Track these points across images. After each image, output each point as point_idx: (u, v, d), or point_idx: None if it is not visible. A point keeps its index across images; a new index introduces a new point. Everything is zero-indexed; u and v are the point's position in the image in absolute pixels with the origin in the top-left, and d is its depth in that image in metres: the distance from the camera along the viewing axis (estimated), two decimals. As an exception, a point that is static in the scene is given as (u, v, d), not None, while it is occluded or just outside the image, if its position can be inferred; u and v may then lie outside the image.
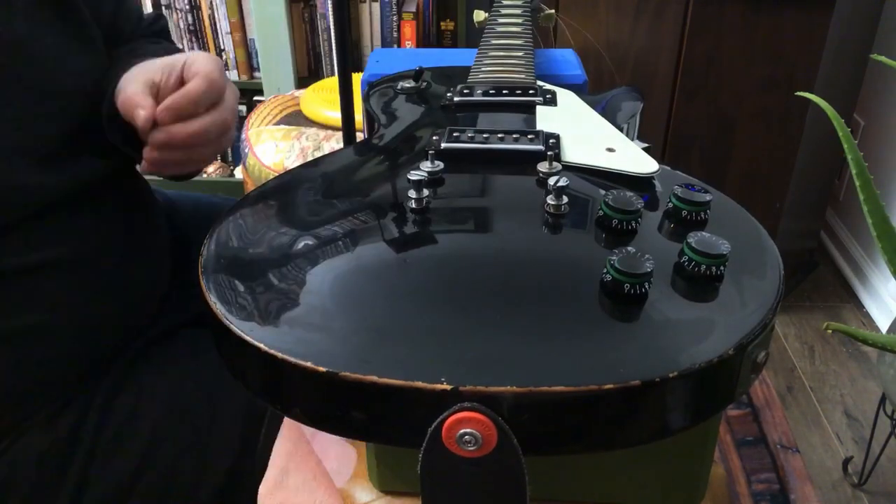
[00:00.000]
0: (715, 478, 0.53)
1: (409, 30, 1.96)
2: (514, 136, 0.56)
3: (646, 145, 0.57)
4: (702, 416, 0.40)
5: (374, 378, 0.36)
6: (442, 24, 2.02)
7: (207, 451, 0.66)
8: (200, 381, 0.68)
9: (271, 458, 0.56)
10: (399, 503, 0.50)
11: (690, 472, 0.49)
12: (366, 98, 0.72)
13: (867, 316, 1.71)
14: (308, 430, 0.57)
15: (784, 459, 1.33)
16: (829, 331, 0.80)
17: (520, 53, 0.75)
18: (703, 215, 0.48)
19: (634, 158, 0.54)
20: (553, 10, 0.92)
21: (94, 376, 0.66)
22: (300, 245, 0.46)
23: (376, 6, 1.96)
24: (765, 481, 1.29)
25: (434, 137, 0.57)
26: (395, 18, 1.97)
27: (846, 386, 1.52)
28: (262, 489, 0.53)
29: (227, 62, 2.23)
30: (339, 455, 0.54)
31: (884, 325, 1.65)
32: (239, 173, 2.15)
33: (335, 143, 1.50)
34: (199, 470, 0.66)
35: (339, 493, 0.52)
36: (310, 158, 0.99)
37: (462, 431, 0.36)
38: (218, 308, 0.41)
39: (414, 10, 1.95)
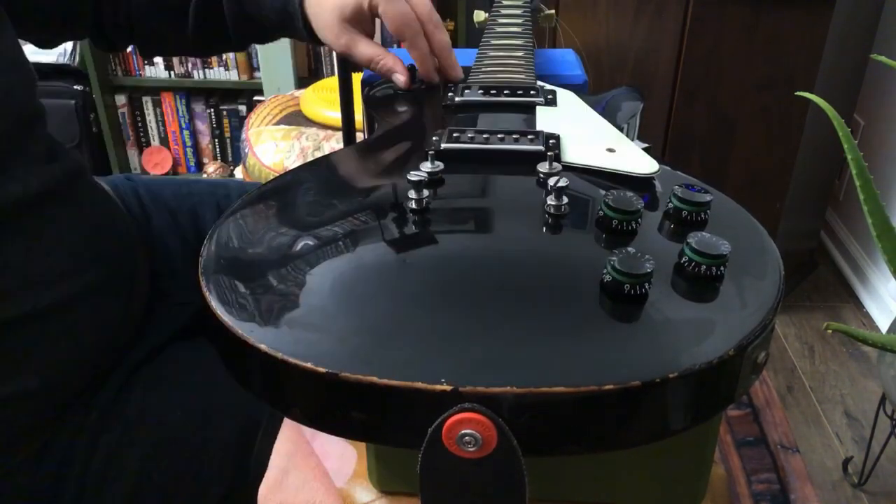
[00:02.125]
0: (715, 478, 0.53)
1: (409, 30, 1.95)
2: (515, 136, 0.56)
3: (646, 145, 0.57)
4: (702, 416, 0.40)
5: (375, 379, 0.36)
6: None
7: (200, 478, 0.64)
8: (188, 407, 0.65)
9: (271, 458, 0.56)
10: (399, 503, 0.50)
11: (690, 473, 0.49)
12: (366, 98, 0.72)
13: (867, 316, 1.72)
14: (308, 431, 0.57)
15: (784, 460, 1.33)
16: (829, 331, 0.80)
17: (520, 53, 0.75)
18: (703, 216, 0.48)
19: (634, 158, 0.54)
20: (553, 11, 0.92)
21: (75, 412, 0.62)
22: (300, 245, 0.46)
23: (376, 6, 1.96)
24: (765, 481, 1.29)
25: (434, 138, 0.57)
26: (395, 18, 1.96)
27: (846, 386, 1.52)
28: (262, 489, 0.53)
29: (226, 62, 2.23)
30: (339, 455, 0.54)
31: (884, 325, 1.66)
32: (239, 173, 2.15)
33: (335, 143, 1.50)
34: (193, 497, 0.64)
35: (339, 493, 0.52)
36: (310, 158, 0.99)
37: (462, 432, 0.36)
38: (218, 309, 0.41)
39: (414, 10, 1.95)
